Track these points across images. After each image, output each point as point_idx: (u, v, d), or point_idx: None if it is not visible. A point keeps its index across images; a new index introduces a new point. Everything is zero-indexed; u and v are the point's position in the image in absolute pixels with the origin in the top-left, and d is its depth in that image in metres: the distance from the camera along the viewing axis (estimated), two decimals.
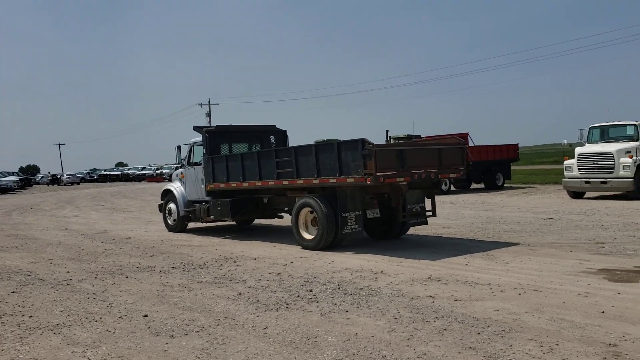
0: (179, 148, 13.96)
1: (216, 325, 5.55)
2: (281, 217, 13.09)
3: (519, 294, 6.21)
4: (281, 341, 4.97)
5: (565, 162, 18.42)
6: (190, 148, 13.62)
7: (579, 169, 17.68)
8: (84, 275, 8.48)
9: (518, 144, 26.52)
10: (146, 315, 6.01)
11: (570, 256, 8.27)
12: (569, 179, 18.04)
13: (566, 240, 9.81)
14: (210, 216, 12.69)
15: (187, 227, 14.10)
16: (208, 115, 60.94)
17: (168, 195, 14.20)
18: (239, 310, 6.08)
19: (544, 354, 4.37)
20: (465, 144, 11.84)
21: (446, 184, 23.13)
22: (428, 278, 7.20)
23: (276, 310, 5.98)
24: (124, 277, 8.20)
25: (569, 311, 5.45)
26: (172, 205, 13.99)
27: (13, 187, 46.96)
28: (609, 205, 15.35)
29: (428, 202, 10.52)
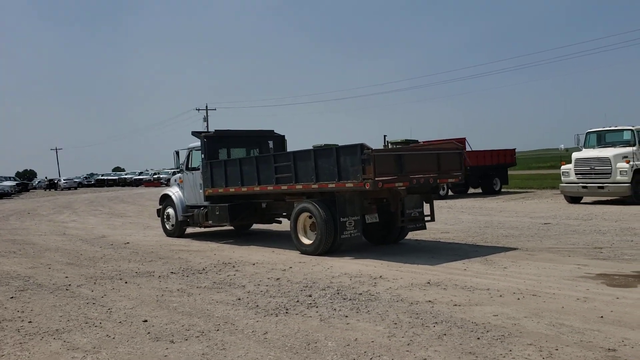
0: (177, 153, 13.98)
1: (216, 330, 5.55)
2: (280, 222, 13.09)
3: (518, 298, 6.23)
4: (281, 346, 4.98)
5: (563, 167, 18.48)
6: (189, 153, 13.63)
7: (576, 174, 17.74)
8: (83, 281, 8.47)
9: (515, 149, 26.65)
10: (146, 321, 6.01)
11: (568, 261, 8.30)
12: (566, 183, 18.10)
13: (564, 245, 9.84)
14: (209, 221, 12.70)
15: (186, 232, 14.09)
16: (205, 120, 60.91)
17: (166, 200, 14.21)
18: (238, 315, 6.08)
19: (544, 359, 4.39)
20: (463, 148, 11.88)
21: (444, 189, 23.16)
22: (427, 283, 7.22)
23: (276, 316, 5.99)
24: (123, 282, 8.20)
25: (568, 316, 5.48)
26: (171, 210, 13.99)
27: (10, 192, 46.91)
28: (606, 210, 15.41)
29: (426, 207, 10.54)
